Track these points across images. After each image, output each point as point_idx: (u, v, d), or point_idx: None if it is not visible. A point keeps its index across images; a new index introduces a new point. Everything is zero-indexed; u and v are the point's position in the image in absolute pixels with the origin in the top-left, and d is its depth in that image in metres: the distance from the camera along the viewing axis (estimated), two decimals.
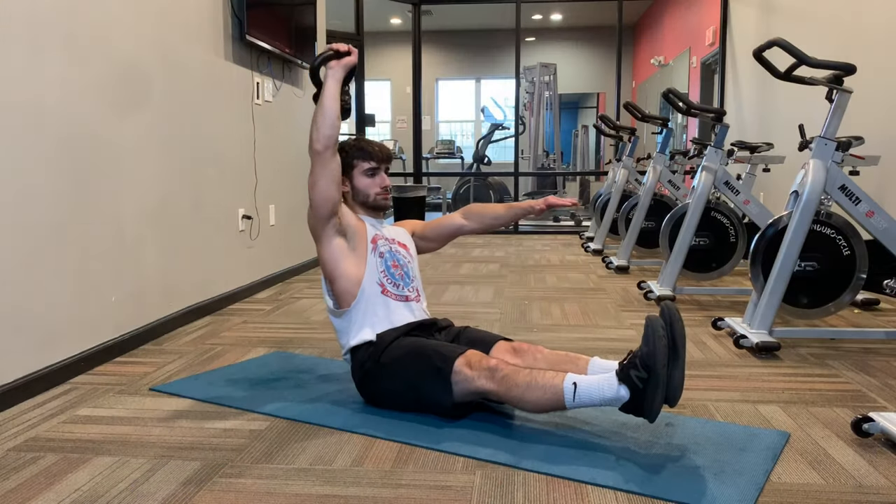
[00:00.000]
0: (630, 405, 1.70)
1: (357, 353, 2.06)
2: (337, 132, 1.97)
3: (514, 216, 2.36)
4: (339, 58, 2.03)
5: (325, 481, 1.60)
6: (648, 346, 1.66)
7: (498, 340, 2.09)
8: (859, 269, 2.81)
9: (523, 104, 10.10)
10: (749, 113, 6.20)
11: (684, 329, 1.73)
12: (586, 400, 1.73)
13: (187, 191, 3.24)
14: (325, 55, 2.03)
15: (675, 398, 1.71)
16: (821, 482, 1.58)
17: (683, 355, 1.71)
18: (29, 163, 2.21)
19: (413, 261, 2.24)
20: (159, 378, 2.38)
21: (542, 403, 1.77)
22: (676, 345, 1.69)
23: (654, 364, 1.64)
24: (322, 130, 1.95)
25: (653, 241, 5.10)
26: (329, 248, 2.07)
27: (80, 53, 2.47)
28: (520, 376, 1.79)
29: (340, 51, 2.02)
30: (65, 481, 1.60)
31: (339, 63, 2.02)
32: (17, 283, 2.16)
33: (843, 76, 2.61)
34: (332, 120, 1.95)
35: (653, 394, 1.65)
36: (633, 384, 1.67)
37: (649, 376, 1.65)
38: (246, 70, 3.87)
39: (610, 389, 1.70)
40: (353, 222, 2.11)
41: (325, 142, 1.95)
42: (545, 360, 1.98)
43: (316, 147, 1.95)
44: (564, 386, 1.73)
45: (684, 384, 1.73)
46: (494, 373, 1.81)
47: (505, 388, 1.80)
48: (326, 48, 2.04)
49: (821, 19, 4.77)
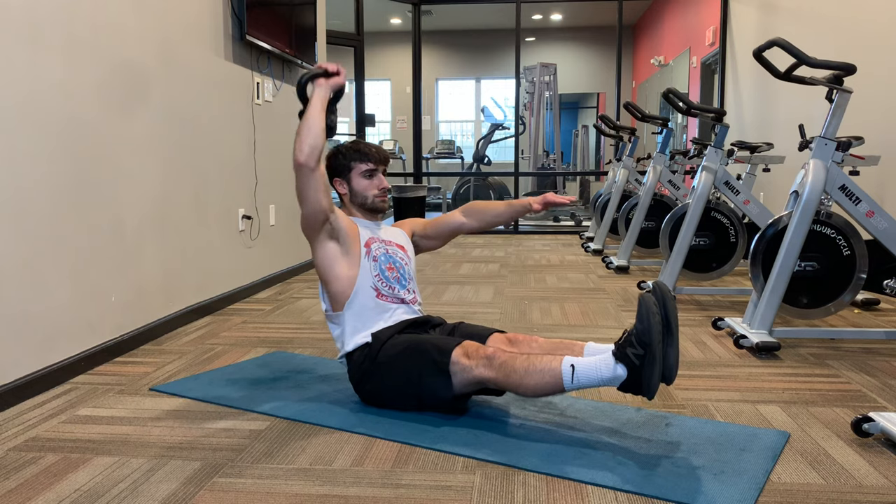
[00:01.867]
0: (628, 383, 1.71)
1: (353, 356, 2.06)
2: (321, 145, 1.95)
3: (515, 214, 2.36)
4: (328, 77, 2.04)
5: (325, 481, 1.60)
6: (643, 323, 1.68)
7: (493, 333, 2.10)
8: (859, 269, 2.81)
9: (523, 104, 10.10)
10: (749, 113, 6.20)
11: (676, 307, 1.75)
12: (584, 381, 1.74)
13: (187, 191, 3.24)
14: (313, 72, 2.04)
15: (672, 376, 1.72)
16: (821, 482, 1.58)
17: (677, 333, 1.72)
18: (29, 163, 2.21)
19: (410, 262, 2.24)
20: (159, 378, 2.38)
21: (542, 387, 1.78)
22: (670, 322, 1.71)
23: (649, 340, 1.66)
24: (306, 141, 1.92)
25: (653, 241, 5.10)
26: (322, 251, 2.08)
27: (80, 53, 2.47)
28: (517, 362, 1.80)
29: (329, 70, 2.04)
30: (65, 481, 1.60)
31: (326, 82, 2.03)
32: (17, 284, 2.16)
33: (843, 76, 2.61)
34: (316, 133, 1.93)
35: (650, 370, 1.66)
36: (630, 362, 1.69)
37: (645, 353, 1.67)
38: (246, 70, 3.87)
39: (607, 369, 1.72)
40: (347, 225, 2.10)
41: (309, 152, 1.92)
42: (541, 347, 1.99)
43: (299, 158, 1.92)
44: (562, 368, 1.75)
45: (679, 366, 1.75)
46: (492, 360, 1.82)
47: (503, 375, 1.81)
48: (316, 66, 2.05)
49: (821, 19, 4.77)
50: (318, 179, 1.97)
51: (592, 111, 12.78)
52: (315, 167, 1.94)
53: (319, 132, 1.94)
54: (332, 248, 2.08)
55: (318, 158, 1.95)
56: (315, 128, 1.94)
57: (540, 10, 11.14)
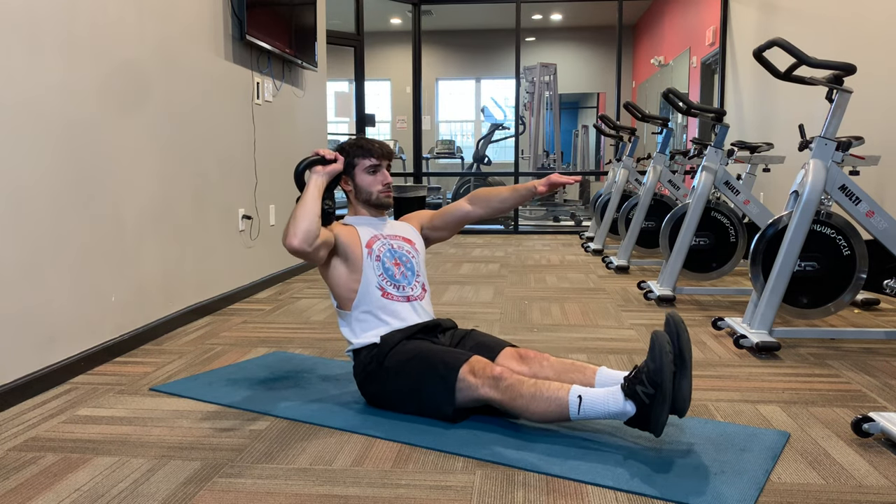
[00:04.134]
0: (636, 420, 1.70)
1: (360, 354, 2.06)
2: (316, 230, 1.93)
3: (520, 198, 2.31)
4: (325, 164, 2.05)
5: (325, 481, 1.60)
6: (655, 362, 1.66)
7: (504, 347, 2.07)
8: (859, 269, 2.81)
9: (523, 104, 10.10)
10: (749, 113, 6.20)
11: (690, 339, 1.74)
12: (591, 413, 1.73)
13: (187, 191, 3.24)
14: (311, 160, 2.06)
15: (684, 409, 1.71)
16: (821, 482, 1.58)
17: (690, 365, 1.71)
18: (28, 163, 2.21)
19: (418, 255, 2.22)
20: (159, 378, 2.38)
21: (547, 415, 1.77)
22: (683, 355, 1.69)
23: (661, 380, 1.65)
24: (300, 227, 1.90)
25: (653, 241, 5.10)
26: (324, 263, 2.10)
27: (80, 53, 2.47)
28: (524, 387, 1.78)
29: (327, 157, 2.06)
30: (65, 481, 1.60)
31: (324, 169, 2.05)
32: (17, 283, 2.16)
33: (843, 76, 2.61)
34: (311, 219, 1.93)
35: (659, 409, 1.65)
36: (639, 400, 1.68)
37: (656, 392, 1.65)
38: (246, 70, 3.87)
39: (616, 404, 1.71)
40: (345, 235, 2.10)
41: (303, 238, 1.90)
42: (551, 367, 1.96)
43: (293, 244, 1.90)
44: (569, 399, 1.74)
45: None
46: (499, 382, 1.81)
47: (509, 398, 1.80)
48: (313, 153, 2.07)
49: (821, 19, 4.77)
50: (317, 251, 1.98)
51: (592, 111, 12.78)
52: (311, 249, 1.94)
53: (314, 217, 1.94)
54: (333, 259, 2.10)
55: (313, 242, 1.94)
56: (309, 213, 1.94)
57: (540, 10, 11.13)
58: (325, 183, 2.05)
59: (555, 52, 12.12)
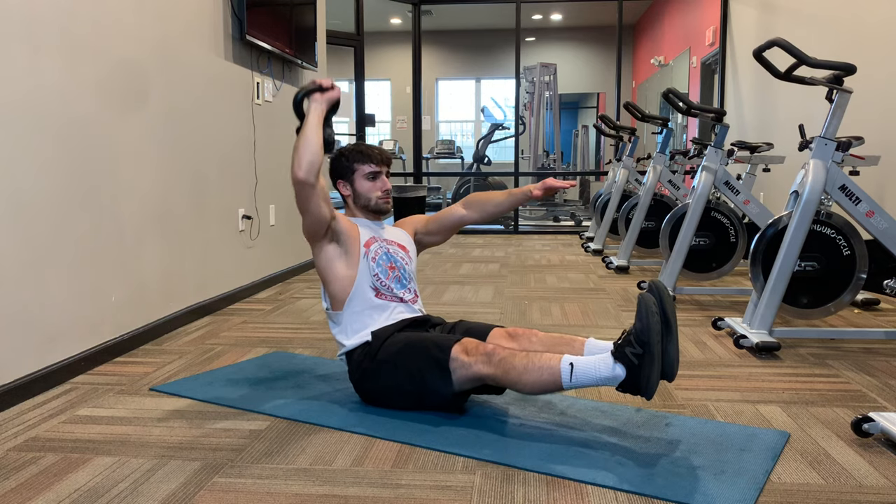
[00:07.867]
0: (627, 383, 1.71)
1: (353, 354, 2.07)
2: (319, 160, 1.95)
3: (515, 202, 2.32)
4: (323, 91, 2.04)
5: (325, 481, 1.60)
6: (642, 322, 1.68)
7: (492, 328, 2.10)
8: (859, 269, 2.81)
9: (523, 104, 10.10)
10: (749, 113, 6.20)
11: (674, 304, 1.76)
12: (583, 379, 1.74)
13: (187, 191, 3.24)
14: (309, 88, 2.04)
15: (672, 373, 1.72)
16: (821, 482, 1.58)
17: (676, 330, 1.73)
18: (28, 163, 2.21)
19: (412, 262, 2.25)
20: (159, 378, 2.38)
21: (540, 385, 1.79)
22: (668, 319, 1.71)
23: (648, 339, 1.66)
24: (304, 157, 1.92)
25: (653, 241, 5.10)
26: (322, 253, 2.10)
27: (80, 53, 2.47)
28: (516, 359, 1.80)
29: (324, 85, 2.04)
30: (65, 481, 1.60)
31: (322, 96, 2.03)
32: (17, 283, 2.16)
33: (843, 76, 2.61)
34: (314, 148, 1.93)
35: (649, 369, 1.66)
36: (628, 361, 1.69)
37: (644, 352, 1.67)
38: (246, 70, 3.87)
39: (606, 368, 1.72)
40: (347, 228, 2.11)
41: (308, 168, 1.92)
42: (541, 342, 2.00)
43: (298, 175, 1.92)
44: (561, 367, 1.75)
45: (679, 361, 1.76)
46: (491, 357, 1.83)
47: (502, 371, 1.81)
48: (310, 81, 2.05)
49: (821, 19, 4.77)
50: (319, 193, 1.97)
51: (592, 111, 12.78)
52: (315, 182, 1.94)
53: (317, 148, 1.94)
54: (332, 249, 2.10)
55: (317, 173, 1.95)
56: (313, 143, 1.93)
57: (540, 10, 11.13)
58: (325, 111, 2.03)
59: (555, 52, 12.12)
